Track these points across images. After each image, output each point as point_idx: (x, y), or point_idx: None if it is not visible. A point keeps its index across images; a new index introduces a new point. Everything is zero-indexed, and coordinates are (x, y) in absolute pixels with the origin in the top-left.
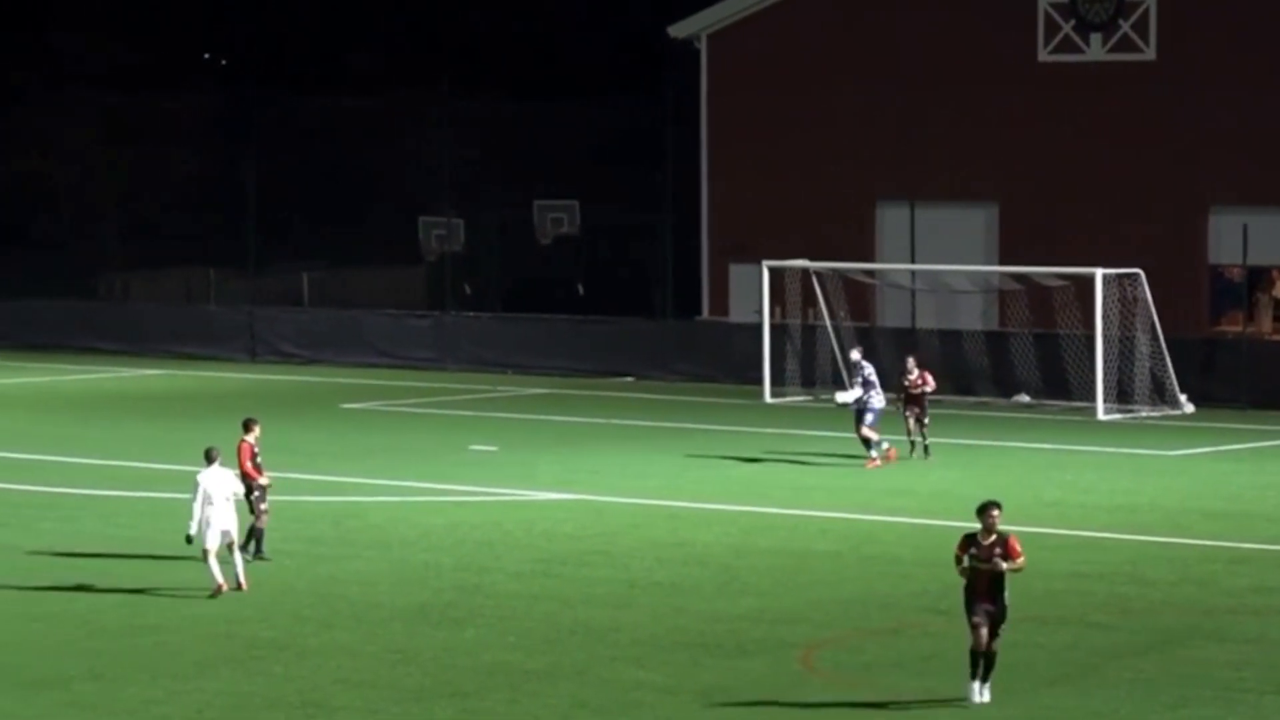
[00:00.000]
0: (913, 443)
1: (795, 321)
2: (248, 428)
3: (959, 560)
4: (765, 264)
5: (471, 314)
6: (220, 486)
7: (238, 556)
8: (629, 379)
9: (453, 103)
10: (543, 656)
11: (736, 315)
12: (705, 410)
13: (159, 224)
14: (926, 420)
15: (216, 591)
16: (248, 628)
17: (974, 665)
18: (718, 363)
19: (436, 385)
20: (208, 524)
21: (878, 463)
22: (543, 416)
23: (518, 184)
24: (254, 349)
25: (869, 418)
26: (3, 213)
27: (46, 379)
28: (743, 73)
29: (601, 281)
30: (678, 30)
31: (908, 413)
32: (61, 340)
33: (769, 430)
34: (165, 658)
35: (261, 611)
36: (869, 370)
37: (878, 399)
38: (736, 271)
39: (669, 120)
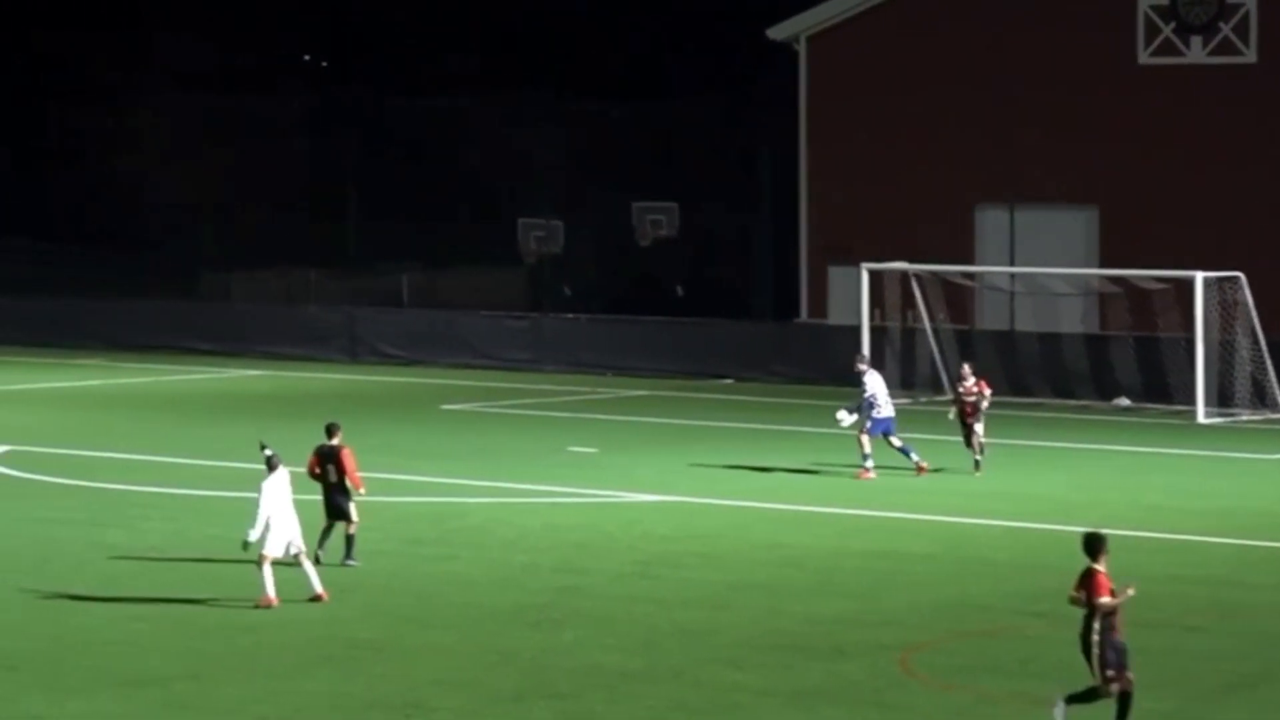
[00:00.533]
0: (976, 450)
1: (894, 324)
2: (336, 432)
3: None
4: (864, 266)
5: (570, 316)
6: (284, 493)
7: (309, 566)
8: (727, 381)
9: (553, 104)
10: (640, 658)
11: (835, 317)
12: (803, 412)
13: (259, 225)
14: (979, 431)
15: (265, 604)
16: (346, 628)
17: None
18: (816, 365)
19: (535, 387)
20: (269, 531)
21: (871, 475)
22: (641, 418)
23: (617, 186)
24: (354, 350)
25: (873, 427)
26: (103, 213)
27: (147, 379)
28: (842, 75)
29: (700, 283)
30: (777, 33)
31: (968, 424)
32: (162, 341)
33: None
34: (263, 658)
35: (360, 612)
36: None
37: (886, 409)
38: (835, 274)
39: (768, 123)
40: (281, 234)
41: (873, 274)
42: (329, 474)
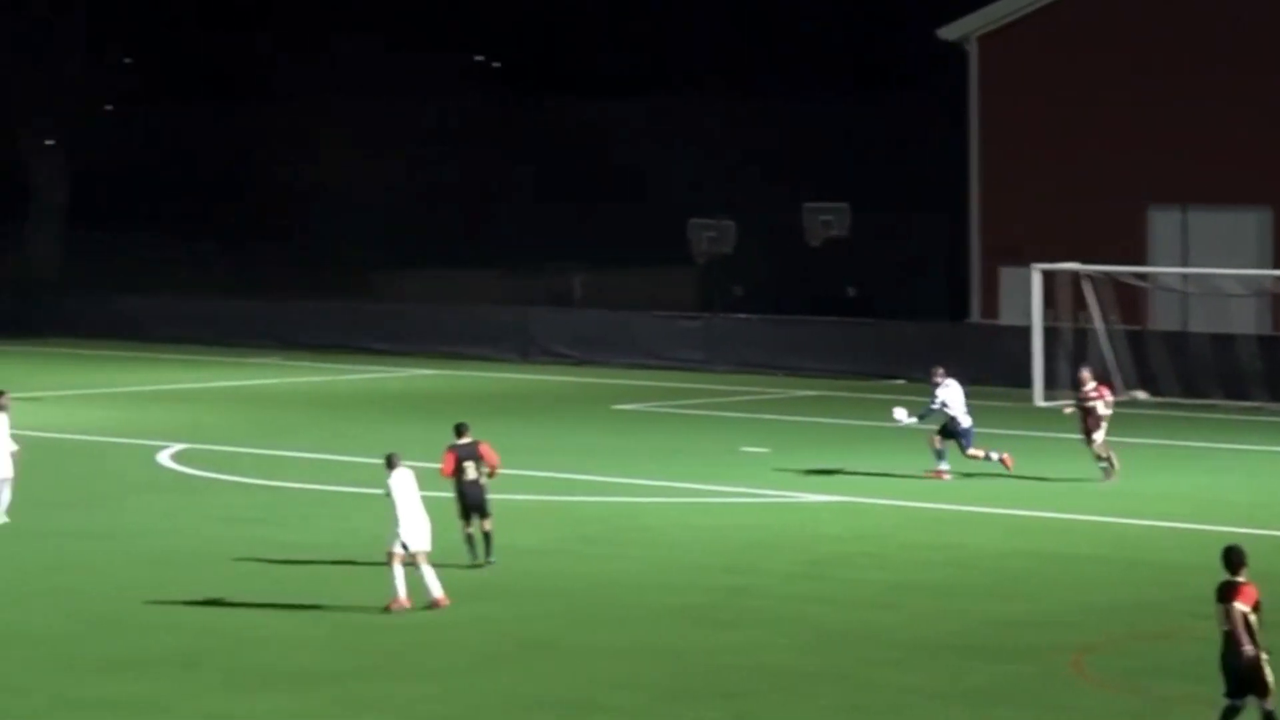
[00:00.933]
0: (1101, 460)
1: (1066, 325)
2: (467, 431)
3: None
4: (1035, 267)
5: (741, 316)
6: (410, 491)
7: (429, 571)
8: (899, 382)
9: (725, 105)
10: (810, 658)
11: (1007, 318)
12: (975, 413)
13: (432, 225)
14: (1098, 438)
15: (397, 606)
16: (517, 627)
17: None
18: (988, 366)
19: (706, 387)
20: (397, 528)
21: (947, 477)
22: (813, 419)
23: (788, 186)
24: (526, 350)
25: (962, 439)
26: (279, 214)
27: (321, 379)
28: (1013, 74)
29: (871, 284)
30: (948, 32)
31: (1084, 429)
32: (336, 340)
33: (1038, 434)
34: (435, 656)
35: (531, 611)
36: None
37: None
38: (1006, 274)
39: (938, 123)
40: (454, 234)
41: (1044, 274)
42: (466, 471)
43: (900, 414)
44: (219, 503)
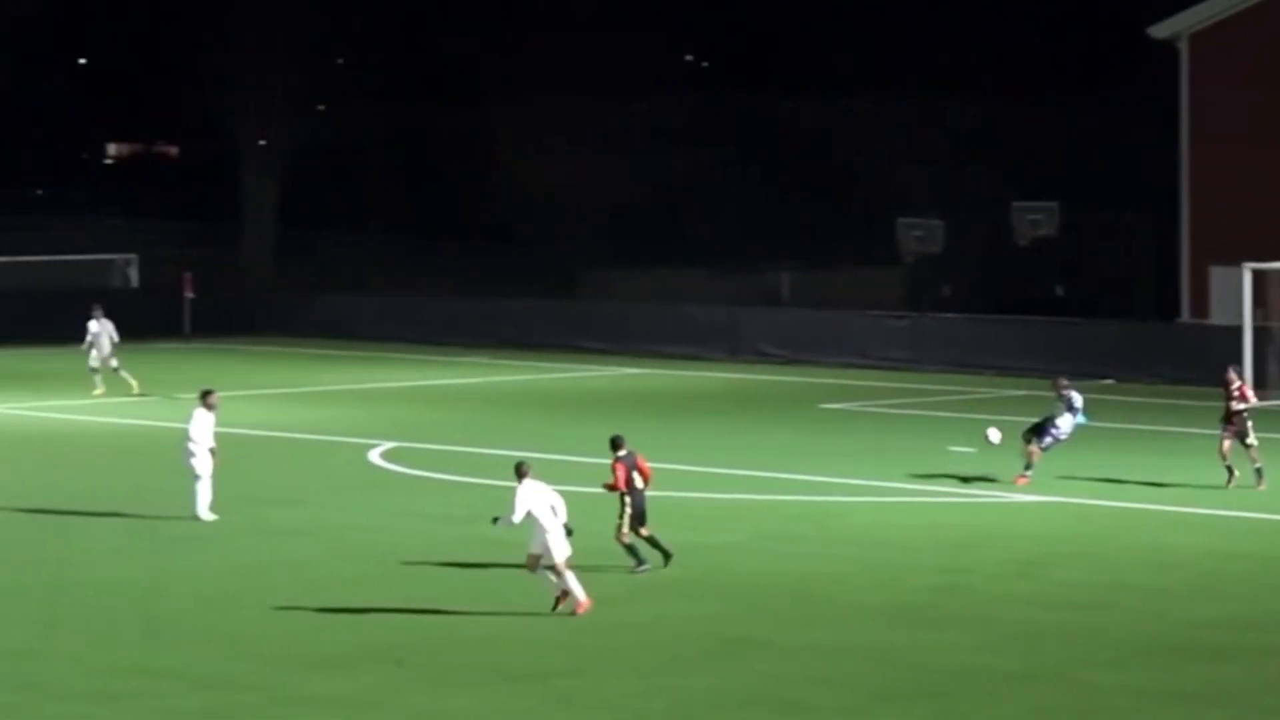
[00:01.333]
0: (1229, 468)
1: (1277, 324)
2: (625, 442)
3: None
4: (1246, 266)
5: (950, 315)
6: (543, 500)
7: (569, 575)
8: (1109, 381)
9: (933, 104)
10: (1020, 659)
11: (1218, 317)
12: (1185, 413)
13: (639, 224)
14: (1252, 441)
15: (582, 609)
16: (724, 625)
17: None
18: (1198, 366)
19: (914, 386)
20: (546, 536)
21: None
22: (1022, 418)
23: (996, 186)
24: (735, 348)
25: (1048, 440)
26: (489, 213)
27: (530, 377)
28: (1225, 72)
29: (1080, 283)
30: (1159, 31)
31: (1226, 433)
32: (545, 339)
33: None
34: (645, 653)
35: (739, 610)
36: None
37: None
38: (1217, 273)
39: (1148, 121)
40: (662, 233)
41: (1255, 274)
42: (635, 481)
43: (994, 435)
44: (429, 501)
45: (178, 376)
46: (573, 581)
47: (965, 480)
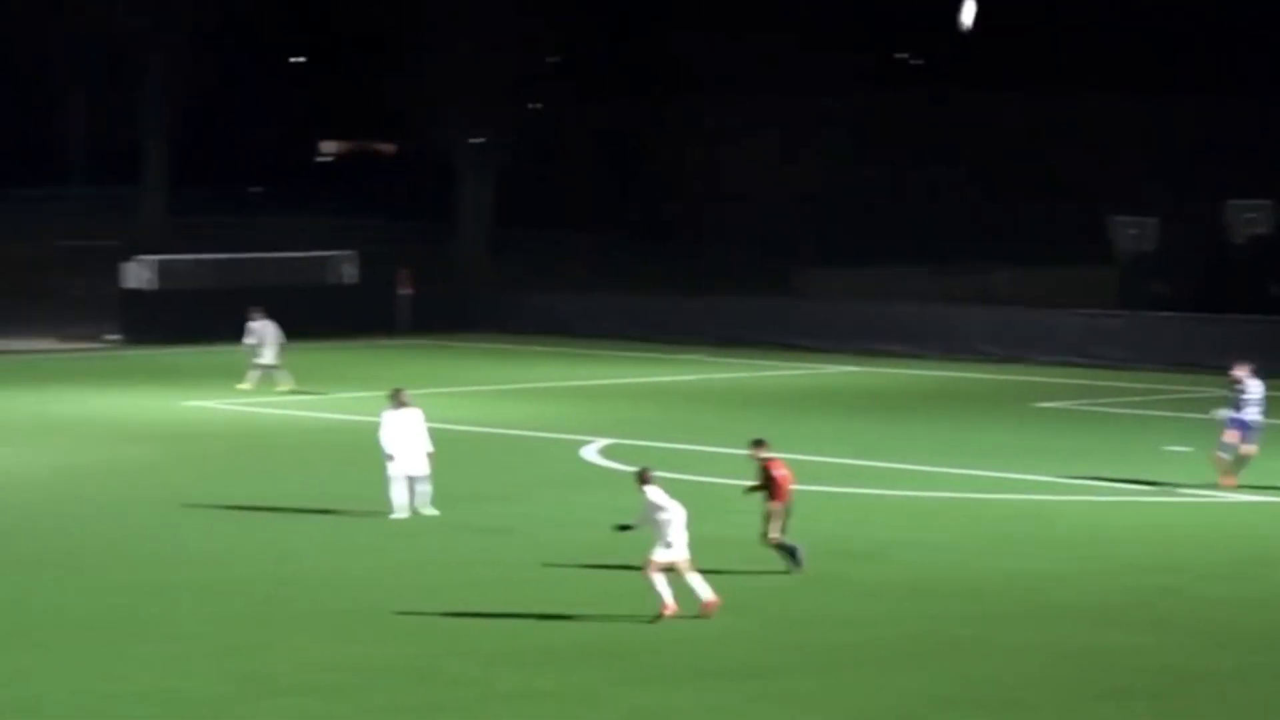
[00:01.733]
0: None
1: None
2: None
3: None
4: None
5: (1164, 314)
6: (663, 505)
7: (694, 576)
8: None
9: (1148, 102)
10: (1236, 659)
11: None
12: None
13: (853, 222)
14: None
15: (669, 613)
16: (936, 624)
17: None
18: None
19: (1129, 385)
20: (666, 538)
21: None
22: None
23: (1212, 184)
24: (950, 347)
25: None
26: (703, 211)
27: (746, 375)
28: None
29: None
30: None
31: None
32: (761, 337)
33: None
34: (854, 653)
35: (950, 608)
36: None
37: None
38: None
39: None
40: (875, 232)
41: None
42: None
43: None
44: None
45: (394, 373)
46: (697, 582)
47: (1177, 482)
